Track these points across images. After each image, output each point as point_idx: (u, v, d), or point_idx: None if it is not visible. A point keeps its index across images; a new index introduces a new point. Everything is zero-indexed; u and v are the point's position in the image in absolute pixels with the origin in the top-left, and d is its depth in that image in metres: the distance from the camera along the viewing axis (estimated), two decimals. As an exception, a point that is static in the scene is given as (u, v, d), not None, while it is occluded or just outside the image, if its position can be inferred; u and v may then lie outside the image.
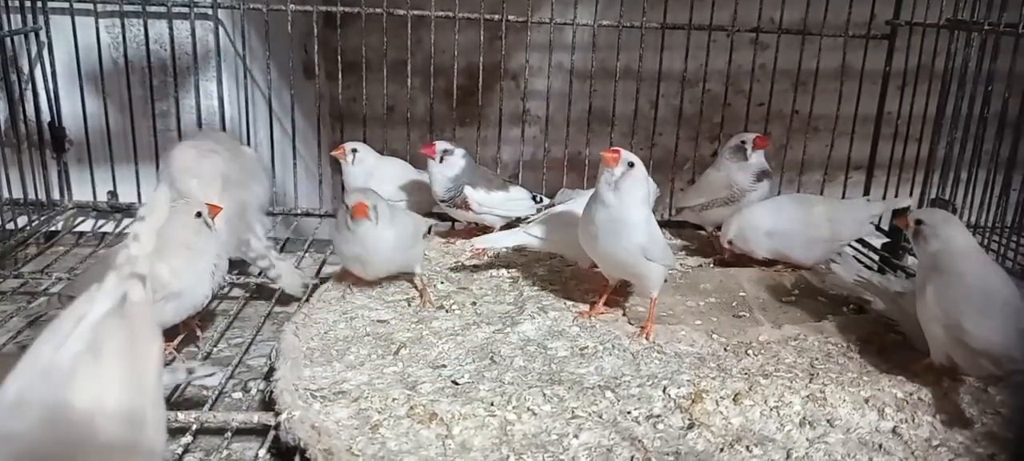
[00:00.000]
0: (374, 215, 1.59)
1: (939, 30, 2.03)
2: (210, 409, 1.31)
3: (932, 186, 2.03)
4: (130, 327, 0.87)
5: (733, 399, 1.32)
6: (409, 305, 1.66)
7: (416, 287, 1.72)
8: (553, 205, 2.04)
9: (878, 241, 2.12)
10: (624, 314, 1.64)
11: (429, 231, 1.99)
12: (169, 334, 1.53)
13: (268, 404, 1.30)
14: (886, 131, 2.27)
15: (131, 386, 0.85)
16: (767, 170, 2.05)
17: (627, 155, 1.50)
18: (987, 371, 1.31)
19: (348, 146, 2.07)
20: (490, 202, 1.98)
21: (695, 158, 2.33)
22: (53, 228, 2.10)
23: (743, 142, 2.02)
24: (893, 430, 1.28)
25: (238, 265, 1.82)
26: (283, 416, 1.23)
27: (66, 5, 2.01)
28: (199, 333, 1.59)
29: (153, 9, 2.03)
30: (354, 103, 2.58)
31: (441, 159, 1.95)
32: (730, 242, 1.89)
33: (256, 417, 1.28)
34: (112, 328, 0.86)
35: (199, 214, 1.46)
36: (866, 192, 2.35)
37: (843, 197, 2.47)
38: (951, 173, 1.95)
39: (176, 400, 1.35)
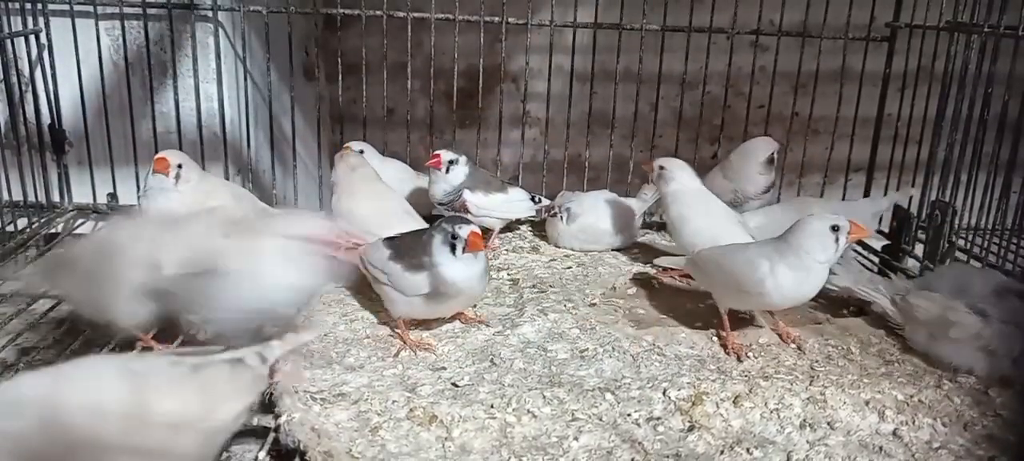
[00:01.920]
0: None
1: (939, 32, 2.03)
2: (210, 411, 1.31)
3: (932, 188, 2.03)
4: (229, 377, 1.06)
5: (733, 401, 1.32)
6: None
7: None
8: (553, 207, 2.04)
9: (878, 243, 2.12)
10: (624, 316, 1.64)
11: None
12: (170, 334, 1.53)
13: (268, 406, 1.30)
14: (886, 133, 2.27)
15: (198, 416, 1.00)
16: (773, 182, 2.08)
17: None
18: None
19: (355, 146, 2.07)
20: (489, 205, 1.98)
21: (695, 160, 2.32)
22: (53, 230, 2.09)
23: (774, 155, 2.06)
24: (894, 432, 1.28)
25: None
26: (283, 418, 1.22)
27: (66, 7, 2.01)
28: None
29: (153, 12, 2.03)
30: (354, 105, 2.58)
31: (447, 170, 1.94)
32: None
33: (256, 419, 1.27)
34: (217, 368, 1.05)
35: None
36: (866, 194, 2.35)
37: (843, 199, 2.47)
38: (951, 175, 1.95)
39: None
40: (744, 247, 1.57)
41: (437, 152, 1.97)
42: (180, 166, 1.74)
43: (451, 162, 1.95)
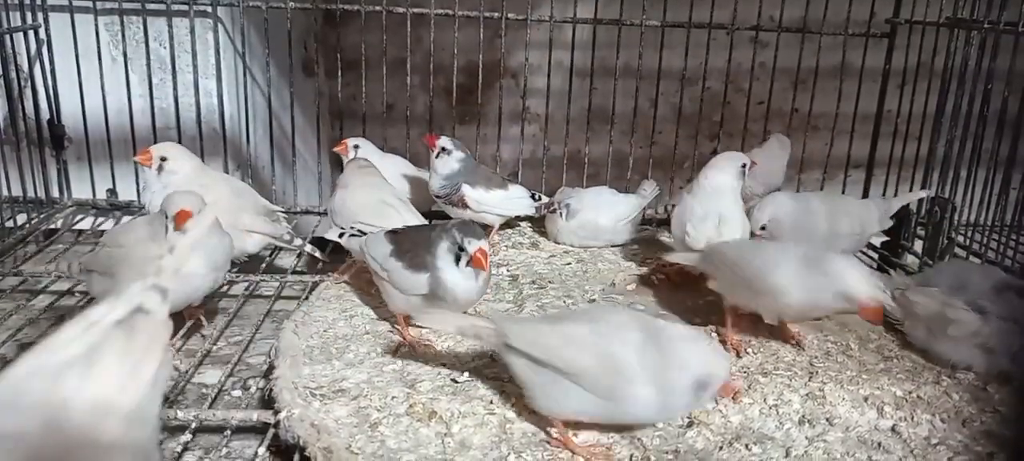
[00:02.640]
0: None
1: (939, 28, 2.03)
2: (209, 407, 1.31)
3: (932, 184, 2.03)
4: (134, 338, 0.90)
5: (732, 397, 1.32)
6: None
7: None
8: (553, 203, 2.03)
9: (878, 239, 2.12)
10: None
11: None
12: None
13: (267, 402, 1.30)
14: (886, 129, 2.27)
15: (121, 392, 0.87)
16: (779, 186, 2.08)
17: None
18: None
19: (350, 141, 2.07)
20: (488, 201, 1.97)
21: (695, 156, 2.33)
22: (52, 226, 2.10)
23: (743, 165, 2.04)
24: (892, 428, 1.28)
25: (236, 263, 1.82)
26: (282, 414, 1.23)
27: (66, 3, 2.01)
28: (204, 323, 1.59)
29: (152, 7, 2.03)
30: (353, 101, 2.58)
31: (437, 155, 1.93)
32: (763, 227, 1.76)
33: (255, 415, 1.28)
34: (116, 337, 0.89)
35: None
36: (865, 190, 2.35)
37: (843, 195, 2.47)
38: (951, 171, 1.95)
39: (175, 398, 1.35)
40: (763, 247, 1.56)
41: (437, 135, 1.96)
42: (163, 158, 1.72)
43: (442, 149, 1.93)
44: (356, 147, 2.07)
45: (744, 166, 1.76)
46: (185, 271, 1.40)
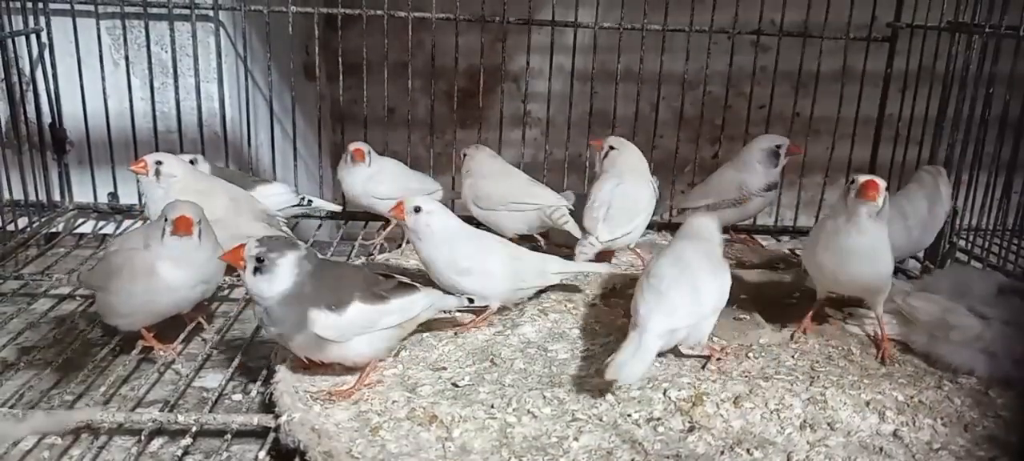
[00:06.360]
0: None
1: (940, 33, 2.03)
2: (210, 411, 1.31)
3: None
4: None
5: (733, 402, 1.32)
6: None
7: None
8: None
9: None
10: (625, 316, 1.64)
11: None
12: (173, 332, 1.53)
13: (268, 406, 1.30)
14: (887, 134, 2.27)
15: None
16: (777, 182, 2.06)
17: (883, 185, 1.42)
18: None
19: (352, 146, 2.06)
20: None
21: (696, 160, 2.33)
22: (54, 229, 2.10)
23: (778, 146, 2.00)
24: (894, 433, 1.28)
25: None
26: (283, 418, 1.23)
27: (67, 7, 2.02)
28: (205, 326, 1.60)
29: (154, 11, 2.03)
30: (355, 105, 2.58)
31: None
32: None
33: (256, 419, 1.27)
34: None
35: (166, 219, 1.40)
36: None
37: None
38: (952, 176, 1.95)
39: (176, 401, 1.35)
40: None
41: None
42: (159, 162, 1.72)
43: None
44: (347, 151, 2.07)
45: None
46: (170, 282, 1.41)
